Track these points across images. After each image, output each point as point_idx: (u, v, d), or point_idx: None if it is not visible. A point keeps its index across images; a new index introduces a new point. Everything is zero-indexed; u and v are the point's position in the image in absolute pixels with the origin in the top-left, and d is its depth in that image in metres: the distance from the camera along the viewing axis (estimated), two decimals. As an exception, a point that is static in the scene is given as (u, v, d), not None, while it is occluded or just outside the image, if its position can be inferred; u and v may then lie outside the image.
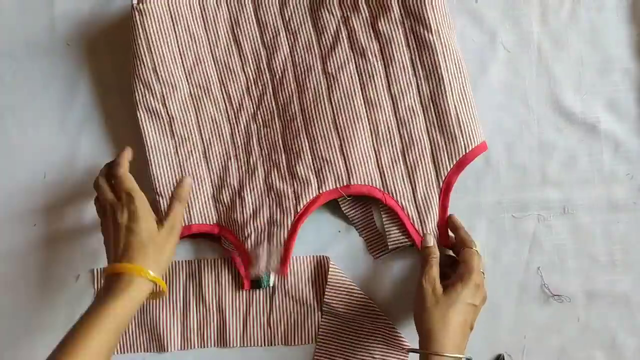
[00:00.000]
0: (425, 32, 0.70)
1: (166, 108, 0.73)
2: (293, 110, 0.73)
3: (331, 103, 0.72)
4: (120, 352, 0.74)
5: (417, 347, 0.63)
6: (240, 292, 0.74)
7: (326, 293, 0.73)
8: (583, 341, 0.72)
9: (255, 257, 0.71)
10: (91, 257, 0.75)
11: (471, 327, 0.65)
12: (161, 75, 0.72)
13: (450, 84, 0.70)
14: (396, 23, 0.71)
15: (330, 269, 0.73)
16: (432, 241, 0.69)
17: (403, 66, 0.71)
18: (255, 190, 0.72)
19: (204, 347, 0.74)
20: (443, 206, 0.71)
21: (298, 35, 0.73)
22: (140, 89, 0.72)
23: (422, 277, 0.66)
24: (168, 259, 0.65)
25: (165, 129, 0.73)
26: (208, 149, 0.74)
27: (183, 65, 0.73)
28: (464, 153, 0.70)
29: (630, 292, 0.73)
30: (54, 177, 0.77)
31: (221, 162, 0.74)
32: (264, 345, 0.74)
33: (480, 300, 0.65)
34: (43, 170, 0.77)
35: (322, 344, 0.73)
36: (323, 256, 0.74)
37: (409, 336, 0.72)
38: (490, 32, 0.76)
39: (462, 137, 0.70)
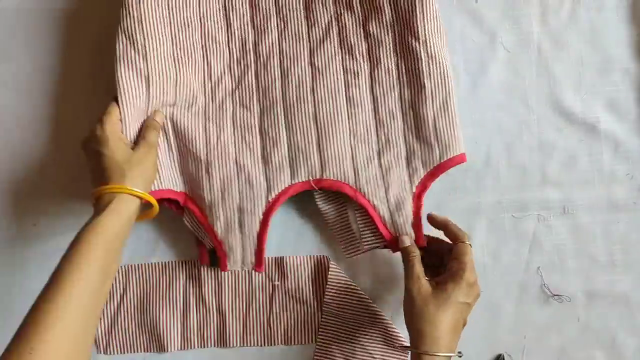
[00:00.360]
0: (413, 40, 0.71)
1: (146, 62, 0.69)
2: (274, 96, 0.73)
3: (314, 95, 0.72)
4: (120, 352, 0.74)
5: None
6: (240, 292, 0.74)
7: (326, 293, 0.73)
8: (583, 341, 0.73)
9: (228, 248, 0.71)
10: (91, 257, 0.75)
11: (464, 323, 0.64)
12: (146, 28, 0.70)
13: (431, 93, 0.70)
14: (387, 26, 0.72)
15: (330, 269, 0.73)
16: (408, 241, 0.68)
17: (388, 69, 0.72)
18: (224, 168, 0.72)
19: (204, 347, 0.74)
20: (417, 208, 0.70)
21: (289, 23, 0.74)
22: (123, 41, 0.69)
23: (406, 278, 0.65)
24: (150, 174, 0.65)
25: (142, 84, 0.70)
26: (179, 115, 0.72)
27: (170, 24, 0.72)
28: (438, 162, 0.70)
29: (630, 292, 0.73)
30: (54, 177, 0.77)
31: (190, 132, 0.72)
32: (264, 345, 0.74)
33: (474, 297, 0.64)
34: (43, 170, 0.77)
35: (322, 344, 0.73)
36: (323, 256, 0.74)
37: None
38: (490, 32, 0.76)
39: (438, 146, 0.70)
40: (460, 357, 0.64)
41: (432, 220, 0.69)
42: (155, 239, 0.75)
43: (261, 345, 0.74)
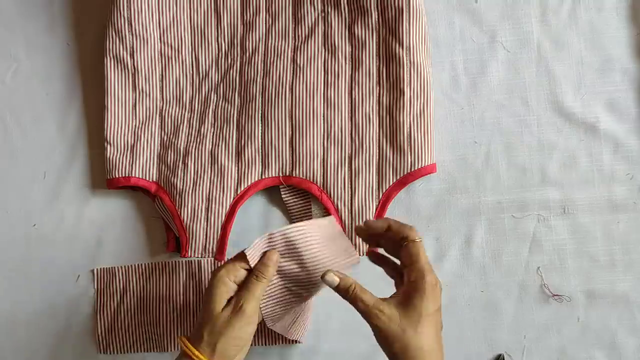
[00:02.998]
0: (397, 45, 0.71)
1: (133, 60, 0.74)
2: (254, 91, 0.73)
3: (292, 93, 0.73)
4: (120, 352, 0.74)
5: None
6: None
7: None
8: (583, 341, 0.72)
9: (191, 235, 0.71)
10: (91, 257, 0.75)
11: (441, 327, 0.57)
12: (135, 27, 0.73)
13: (410, 100, 0.71)
14: (372, 29, 0.73)
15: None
16: (335, 278, 0.56)
17: (369, 72, 0.72)
18: (199, 159, 0.73)
19: (204, 347, 0.74)
20: (379, 217, 0.71)
21: (276, 19, 0.74)
22: (112, 36, 0.73)
23: (363, 315, 0.55)
24: (246, 340, 0.58)
25: (128, 80, 0.74)
26: (165, 108, 0.74)
27: (159, 22, 0.74)
28: (409, 171, 0.71)
29: (630, 292, 0.73)
30: (54, 177, 0.77)
31: (174, 124, 0.74)
32: (264, 345, 0.74)
33: (439, 297, 0.56)
34: (43, 170, 0.77)
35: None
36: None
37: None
38: (490, 32, 0.76)
39: (411, 155, 0.71)
40: None
41: (370, 227, 0.59)
42: (156, 238, 0.75)
43: (261, 345, 0.74)
